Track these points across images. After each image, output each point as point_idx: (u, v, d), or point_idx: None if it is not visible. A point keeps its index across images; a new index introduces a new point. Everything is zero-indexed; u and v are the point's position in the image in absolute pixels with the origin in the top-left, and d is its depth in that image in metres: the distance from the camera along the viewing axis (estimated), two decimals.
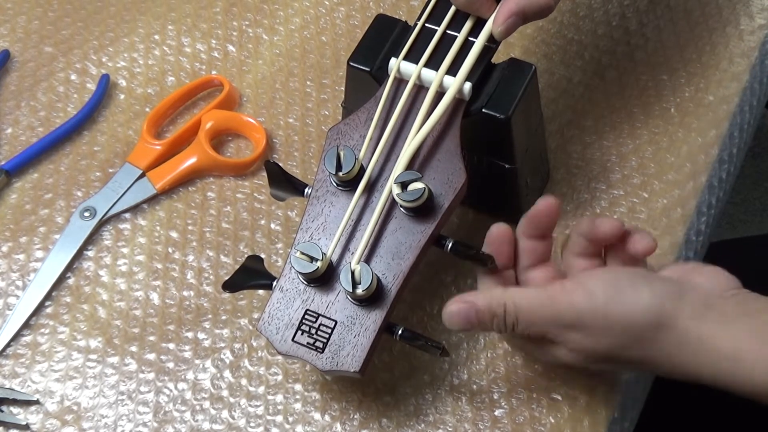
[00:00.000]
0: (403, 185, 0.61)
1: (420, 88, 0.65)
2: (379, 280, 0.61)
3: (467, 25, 0.66)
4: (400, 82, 0.65)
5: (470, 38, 0.65)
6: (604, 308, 0.59)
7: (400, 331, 0.62)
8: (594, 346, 0.60)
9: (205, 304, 0.72)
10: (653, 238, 0.61)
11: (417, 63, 0.65)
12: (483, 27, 0.65)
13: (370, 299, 0.61)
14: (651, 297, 0.58)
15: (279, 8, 0.86)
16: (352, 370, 0.60)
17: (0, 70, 0.83)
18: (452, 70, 0.64)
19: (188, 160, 0.77)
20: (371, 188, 0.63)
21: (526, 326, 0.60)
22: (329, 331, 0.61)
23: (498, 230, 0.64)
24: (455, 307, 0.60)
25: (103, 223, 0.75)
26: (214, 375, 0.69)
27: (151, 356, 0.69)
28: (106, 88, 0.81)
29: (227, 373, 0.69)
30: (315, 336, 0.61)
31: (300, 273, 0.61)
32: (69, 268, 0.73)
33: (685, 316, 0.58)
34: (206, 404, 0.68)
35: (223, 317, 0.71)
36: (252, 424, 0.67)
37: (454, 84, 0.64)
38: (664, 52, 0.83)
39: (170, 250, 0.74)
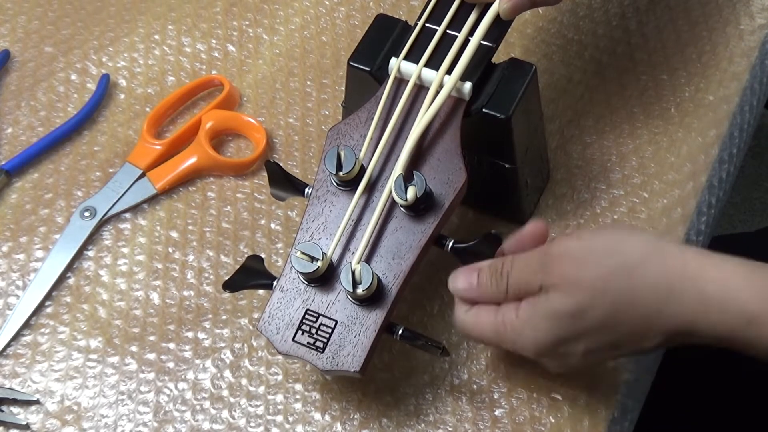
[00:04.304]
0: (402, 185, 0.61)
1: (420, 88, 0.65)
2: (379, 279, 0.61)
3: (468, 25, 0.66)
4: (401, 82, 0.65)
5: (470, 38, 0.65)
6: (590, 240, 0.61)
7: (400, 331, 0.62)
8: (579, 274, 0.59)
9: (205, 304, 0.71)
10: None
11: (417, 63, 0.65)
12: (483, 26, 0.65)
13: (371, 299, 0.61)
14: (637, 231, 0.62)
15: (279, 8, 0.86)
16: (352, 370, 0.60)
17: (0, 70, 0.83)
18: (452, 70, 0.64)
19: (188, 160, 0.77)
20: (372, 188, 0.63)
21: (519, 270, 0.60)
22: (329, 330, 0.61)
23: (535, 227, 0.63)
24: (460, 270, 0.63)
25: (103, 223, 0.75)
26: (214, 375, 0.69)
27: (151, 356, 0.69)
28: (106, 88, 0.81)
29: (227, 373, 0.69)
30: (315, 336, 0.61)
31: (300, 273, 0.61)
32: (69, 268, 0.73)
33: (675, 248, 0.60)
34: (206, 404, 0.68)
35: (223, 317, 0.71)
36: (252, 424, 0.67)
37: (449, 81, 0.64)
38: (664, 52, 0.83)
39: (170, 249, 0.74)
